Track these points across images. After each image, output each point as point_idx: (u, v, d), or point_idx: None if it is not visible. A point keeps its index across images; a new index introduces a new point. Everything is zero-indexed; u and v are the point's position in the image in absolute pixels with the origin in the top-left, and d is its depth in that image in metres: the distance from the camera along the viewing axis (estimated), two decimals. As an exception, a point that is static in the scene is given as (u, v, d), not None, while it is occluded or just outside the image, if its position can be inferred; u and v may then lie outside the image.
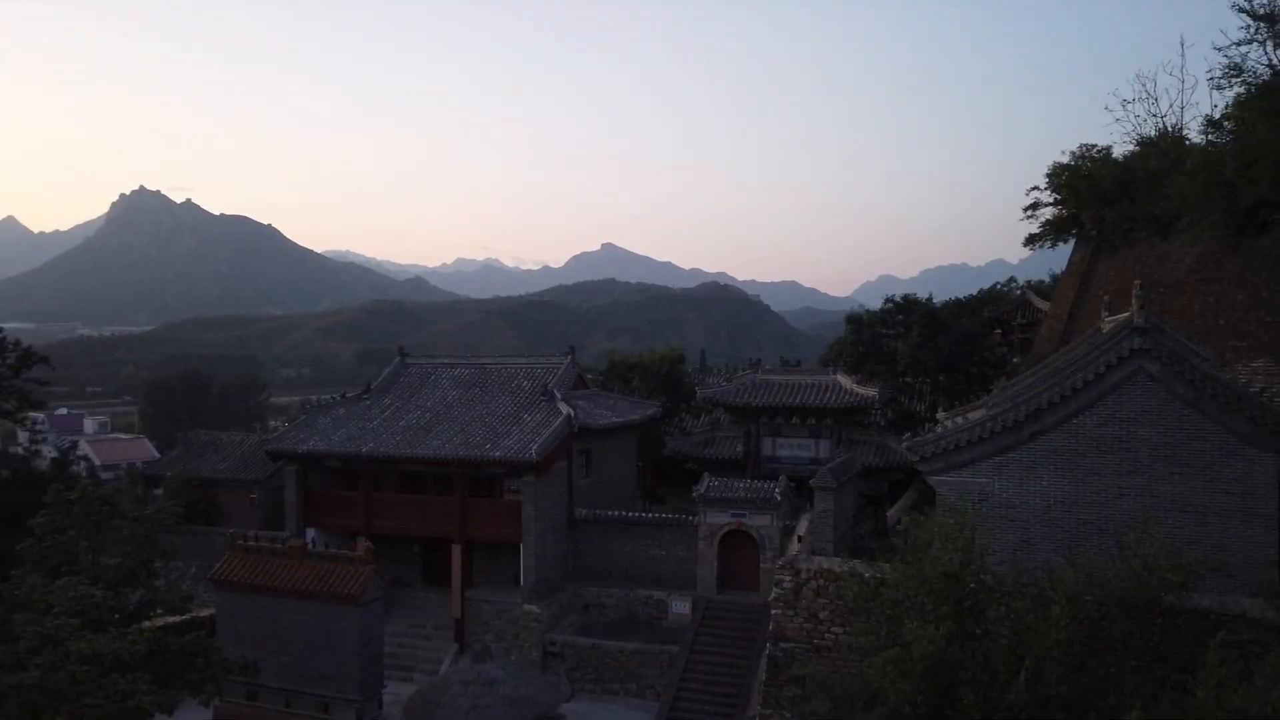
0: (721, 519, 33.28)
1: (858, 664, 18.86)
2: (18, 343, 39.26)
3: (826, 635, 24.55)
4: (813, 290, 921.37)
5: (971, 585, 17.15)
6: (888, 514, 37.94)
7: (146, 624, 21.88)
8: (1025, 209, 43.37)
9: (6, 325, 52.20)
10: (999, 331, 50.95)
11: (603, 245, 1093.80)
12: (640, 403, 43.82)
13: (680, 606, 33.75)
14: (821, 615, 24.86)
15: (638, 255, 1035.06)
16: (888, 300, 49.85)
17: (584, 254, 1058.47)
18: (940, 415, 30.98)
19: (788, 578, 26.22)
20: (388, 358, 48.28)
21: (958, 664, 15.97)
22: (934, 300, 50.60)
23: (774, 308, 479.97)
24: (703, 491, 33.42)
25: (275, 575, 28.10)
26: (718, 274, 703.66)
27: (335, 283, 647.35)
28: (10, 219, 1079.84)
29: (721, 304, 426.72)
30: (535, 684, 25.65)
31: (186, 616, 27.30)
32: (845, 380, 40.23)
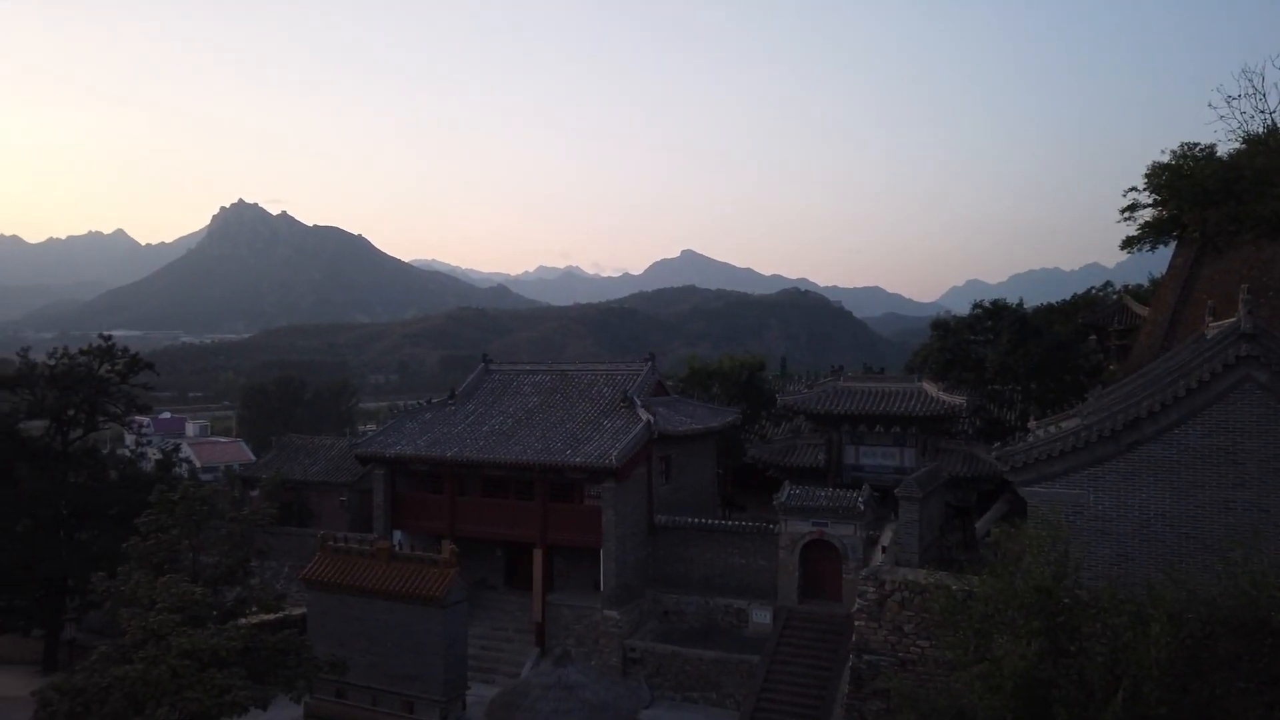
0: (803, 528, 32.86)
1: (945, 679, 18.39)
2: (126, 349, 41.15)
3: (912, 648, 24.03)
4: (897, 296, 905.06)
5: (1065, 600, 16.54)
6: (976, 525, 36.89)
7: (242, 621, 22.63)
8: (1122, 211, 41.69)
9: (116, 333, 54.91)
10: (1094, 338, 49.12)
11: (682, 252, 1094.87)
12: (720, 409, 43.63)
13: (761, 616, 33.44)
14: (907, 628, 24.35)
15: (717, 262, 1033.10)
16: (976, 305, 48.57)
17: (664, 261, 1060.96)
18: (1031, 424, 29.96)
19: (871, 589, 25.77)
20: (471, 364, 49.18)
21: (1050, 682, 15.42)
22: (1025, 305, 49.12)
23: (856, 314, 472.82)
24: (784, 500, 33.06)
25: (363, 576, 28.80)
26: (798, 280, 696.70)
27: (421, 291, 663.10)
28: (119, 232, 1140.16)
29: (802, 310, 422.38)
30: (615, 689, 25.69)
31: (280, 615, 28.14)
32: (931, 388, 39.32)
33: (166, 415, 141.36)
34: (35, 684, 25.67)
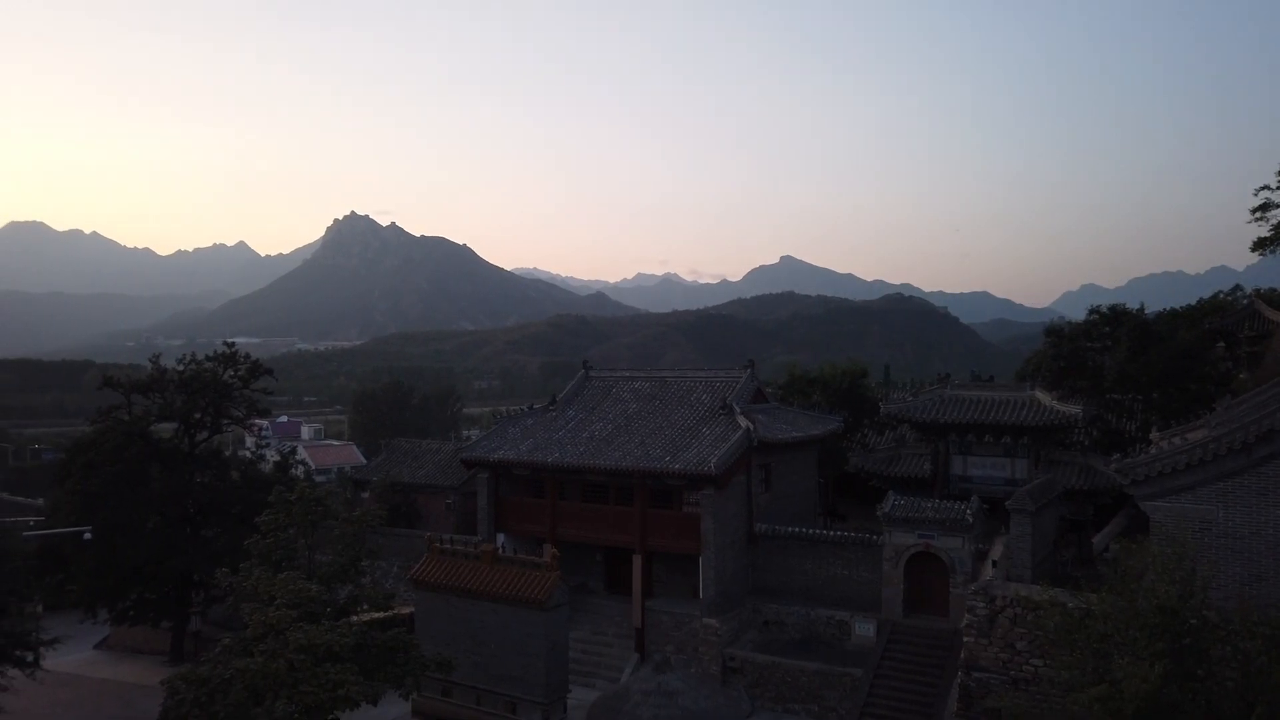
0: (908, 539, 32.04)
1: (1060, 700, 17.65)
2: (247, 356, 43.21)
3: (1025, 667, 23.15)
4: (1006, 301, 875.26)
5: (1192, 621, 15.69)
6: (1093, 541, 35.31)
7: (354, 618, 23.38)
8: (1253, 211, 39.45)
9: (237, 340, 57.76)
10: (1222, 344, 46.36)
11: (781, 258, 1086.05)
12: (821, 417, 43.00)
13: (864, 628, 32.75)
14: (1019, 645, 23.48)
15: (817, 268, 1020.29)
16: (1092, 311, 46.56)
17: (762, 267, 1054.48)
18: (1154, 435, 28.56)
19: (981, 604, 24.96)
20: (570, 370, 49.88)
21: (1175, 706, 14.63)
22: (1145, 311, 46.82)
23: (963, 320, 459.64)
24: (888, 510, 32.32)
25: (468, 577, 29.47)
26: (902, 285, 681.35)
27: (523, 299, 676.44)
28: (241, 244, 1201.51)
29: (906, 316, 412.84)
30: (716, 698, 25.54)
31: (389, 613, 28.96)
32: (1044, 396, 37.83)
33: (284, 419, 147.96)
34: (163, 673, 27.17)
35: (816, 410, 45.21)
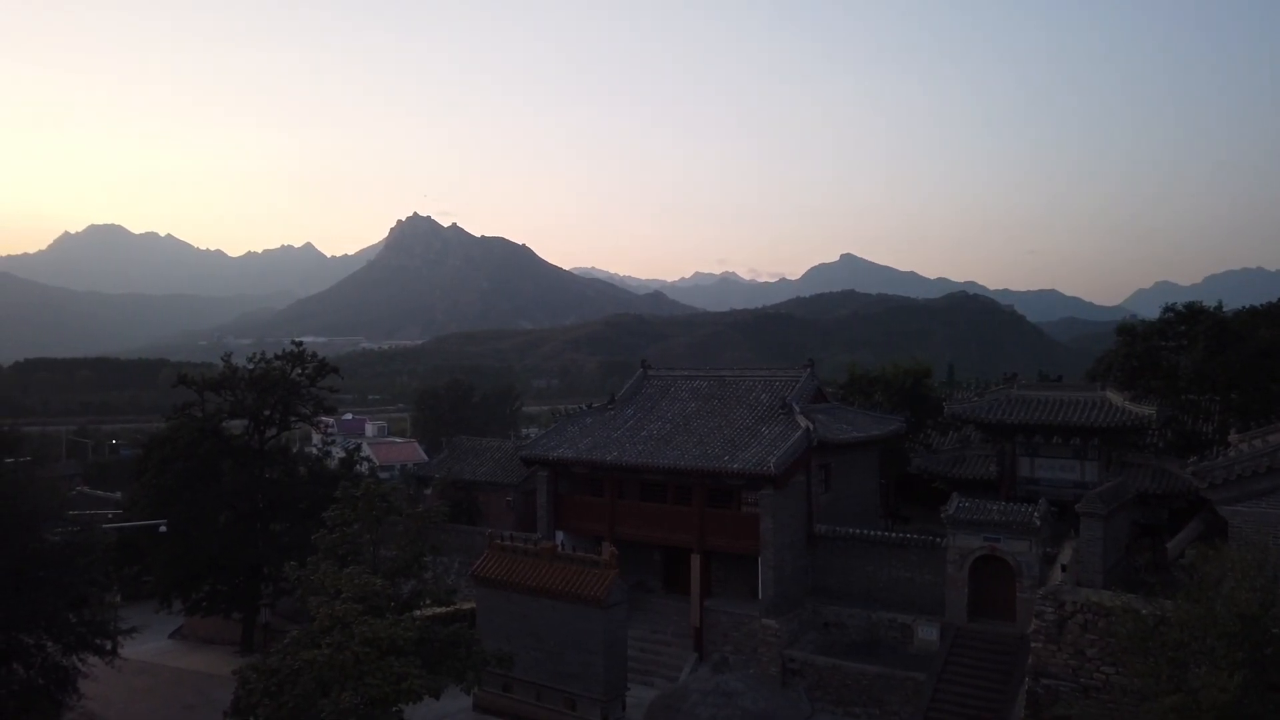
0: (973, 542, 31.41)
1: (1133, 708, 17.14)
2: (314, 355, 44.19)
3: (1095, 674, 22.52)
4: (1075, 299, 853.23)
5: (1274, 630, 15.08)
6: (1167, 546, 34.18)
7: (417, 613, 23.75)
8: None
9: (305, 339, 59.12)
10: (1305, 343, 44.51)
11: (841, 256, 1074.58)
12: (883, 417, 42.39)
13: (928, 632, 32.19)
14: (1089, 652, 22.85)
15: (878, 265, 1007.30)
16: (1167, 309, 45.09)
17: (821, 265, 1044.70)
18: (1233, 438, 27.50)
19: (1050, 609, 24.37)
20: (628, 369, 49.97)
21: (1255, 717, 14.07)
22: (1223, 308, 45.19)
23: (1030, 318, 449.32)
24: (952, 512, 31.71)
25: (528, 574, 29.75)
26: (966, 283, 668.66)
27: (581, 298, 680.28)
28: (308, 245, 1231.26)
29: (970, 315, 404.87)
30: (775, 699, 25.36)
31: (451, 608, 29.38)
32: (1116, 397, 36.73)
33: (349, 416, 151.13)
34: (234, 663, 27.90)
35: (878, 410, 44.59)
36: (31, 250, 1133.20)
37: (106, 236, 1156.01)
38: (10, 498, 26.41)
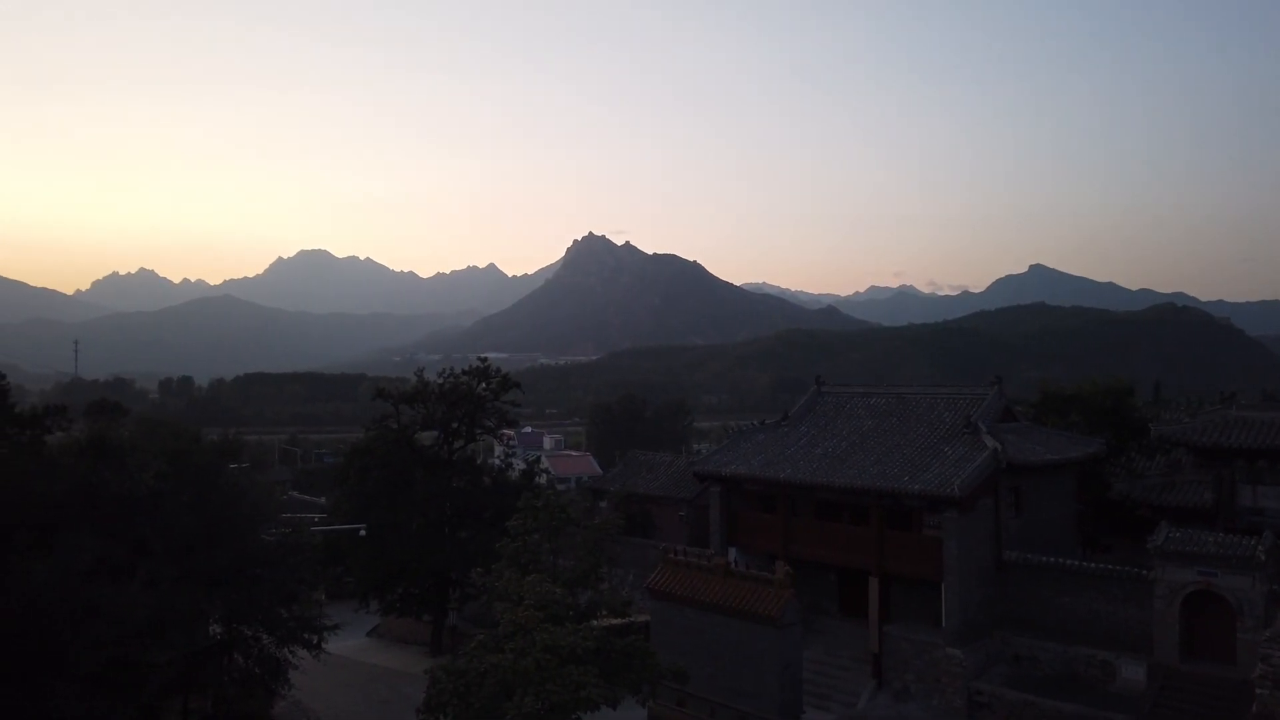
0: (1185, 576, 28.77)
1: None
2: (498, 370, 46.21)
3: (1336, 731, 20.08)
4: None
5: None
6: None
7: (595, 623, 24.21)
8: None
9: (488, 355, 61.85)
10: None
11: (1030, 267, 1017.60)
12: (1079, 439, 39.64)
13: (1133, 671, 29.71)
14: (1328, 706, 20.41)
15: (1072, 276, 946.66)
16: None
17: (1008, 277, 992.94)
18: None
19: (1278, 654, 21.96)
20: (800, 385, 49.24)
21: None
22: None
23: (1249, 332, 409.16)
24: (1161, 543, 29.19)
25: (701, 590, 29.74)
26: (1173, 294, 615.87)
27: (751, 314, 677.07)
28: (491, 266, 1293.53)
29: (1178, 328, 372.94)
30: (959, 734, 24.13)
31: (626, 620, 29.76)
32: (1357, 419, 32.76)
33: (528, 430, 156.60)
34: (424, 663, 29.37)
35: (1074, 431, 41.77)
36: (250, 274, 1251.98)
37: (314, 260, 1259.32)
38: (234, 500, 29.06)
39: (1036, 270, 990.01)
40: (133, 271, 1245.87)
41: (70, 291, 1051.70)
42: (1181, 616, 28.95)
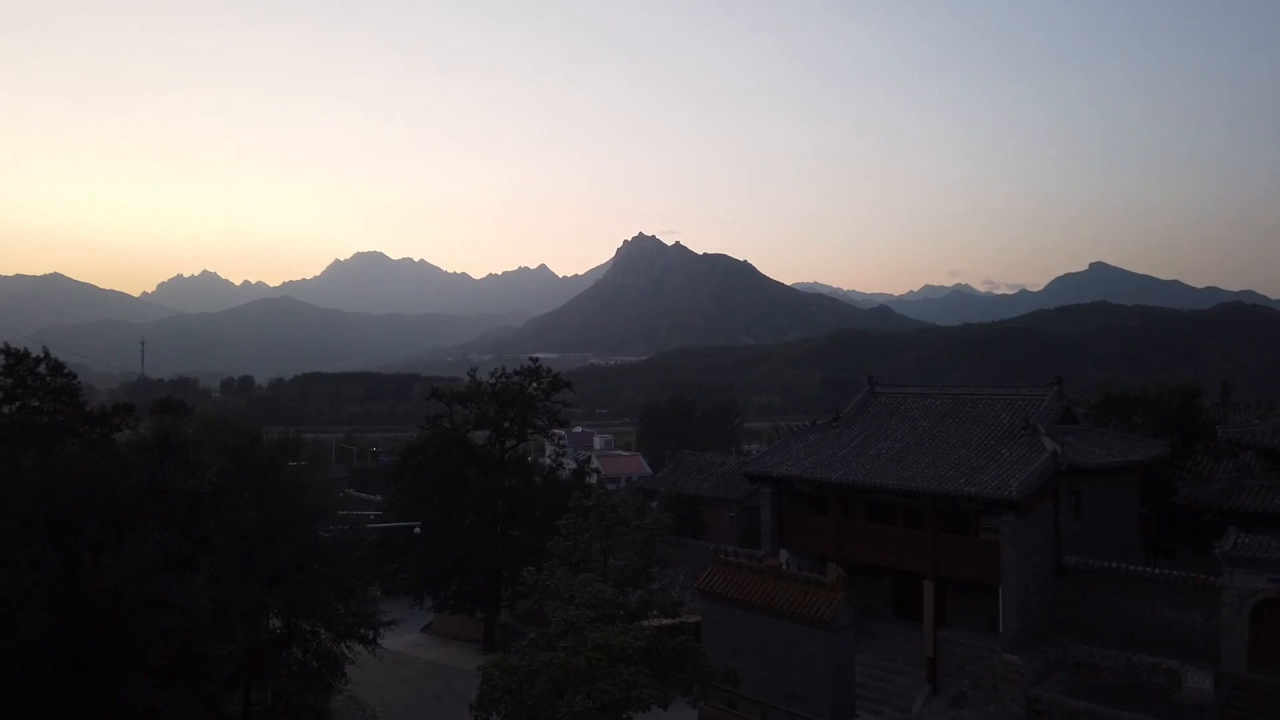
0: (1255, 583, 27.87)
1: None
2: (549, 370, 46.53)
3: None
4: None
5: None
6: None
7: (645, 623, 24.21)
8: None
9: (539, 355, 62.31)
10: None
11: (1091, 265, 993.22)
12: (1143, 442, 38.60)
13: (1199, 681, 28.85)
14: None
15: (1134, 274, 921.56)
16: None
17: (1068, 275, 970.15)
18: None
19: (1355, 666, 21.14)
20: (852, 386, 48.74)
21: None
22: None
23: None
24: (1230, 549, 28.32)
25: (752, 591, 29.58)
26: (1242, 292, 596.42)
27: (803, 313, 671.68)
28: (542, 266, 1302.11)
29: (1249, 327, 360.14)
30: (1017, 742, 23.66)
31: (677, 620, 29.75)
32: None
33: (579, 429, 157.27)
34: (477, 659, 29.63)
35: (1138, 433, 40.68)
36: (309, 276, 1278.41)
37: (370, 262, 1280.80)
38: (293, 497, 29.69)
39: (1097, 268, 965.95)
40: (196, 274, 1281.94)
41: (137, 294, 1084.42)
42: (1251, 624, 28.05)
